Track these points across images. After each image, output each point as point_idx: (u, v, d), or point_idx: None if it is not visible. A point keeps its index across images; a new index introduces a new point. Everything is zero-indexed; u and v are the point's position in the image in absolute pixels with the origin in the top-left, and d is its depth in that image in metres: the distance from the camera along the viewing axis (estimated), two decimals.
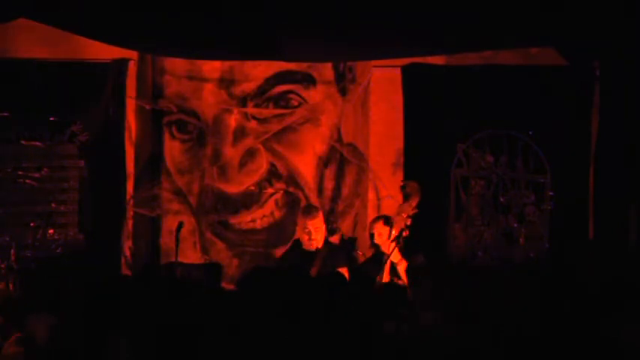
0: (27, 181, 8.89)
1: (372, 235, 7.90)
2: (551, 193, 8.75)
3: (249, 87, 9.23)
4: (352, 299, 5.62)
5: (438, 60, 8.88)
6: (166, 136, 9.25)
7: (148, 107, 9.19)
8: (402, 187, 7.52)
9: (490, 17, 7.15)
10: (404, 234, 7.34)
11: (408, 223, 7.35)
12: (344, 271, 7.60)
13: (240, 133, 9.22)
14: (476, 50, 8.51)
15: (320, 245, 7.85)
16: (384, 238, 7.67)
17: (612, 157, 8.17)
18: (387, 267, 7.41)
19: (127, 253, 9.10)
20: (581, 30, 7.42)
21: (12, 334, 5.42)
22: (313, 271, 7.70)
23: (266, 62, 9.05)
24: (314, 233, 7.82)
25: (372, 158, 9.23)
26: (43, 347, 5.11)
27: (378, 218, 8.08)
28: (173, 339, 5.01)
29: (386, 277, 7.44)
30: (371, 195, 9.24)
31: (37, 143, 8.87)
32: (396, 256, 7.50)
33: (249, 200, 9.28)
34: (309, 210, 8.04)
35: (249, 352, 4.96)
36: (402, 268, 7.55)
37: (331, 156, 9.29)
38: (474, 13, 7.10)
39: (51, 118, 8.87)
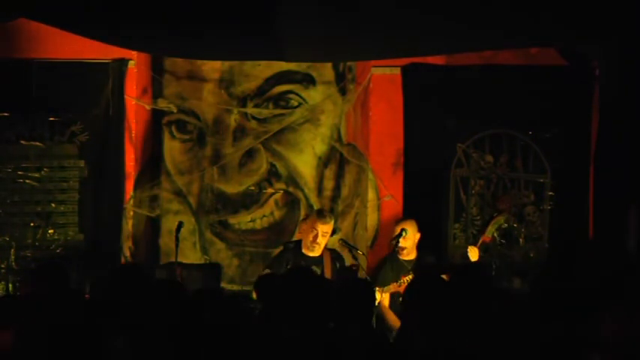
0: (27, 181, 8.89)
1: (399, 234, 8.02)
2: (551, 193, 8.75)
3: (249, 87, 9.22)
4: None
5: (438, 60, 8.89)
6: (166, 136, 9.25)
7: (148, 107, 9.19)
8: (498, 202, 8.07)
9: (490, 17, 7.14)
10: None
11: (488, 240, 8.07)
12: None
13: (240, 133, 9.22)
14: (476, 50, 8.51)
15: (320, 250, 7.84)
16: (412, 241, 8.03)
17: (612, 157, 8.16)
18: None
19: (127, 253, 9.10)
20: (581, 30, 7.41)
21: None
22: (327, 272, 7.72)
23: (266, 62, 9.05)
24: (320, 237, 7.78)
25: (372, 158, 9.23)
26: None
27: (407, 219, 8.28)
28: (173, 339, 5.00)
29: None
30: (371, 195, 9.23)
31: (37, 143, 8.88)
32: (475, 255, 7.96)
33: (249, 200, 9.27)
34: (324, 214, 7.92)
35: (249, 352, 4.96)
36: None
37: (331, 156, 9.28)
38: (475, 13, 7.09)
39: (51, 118, 8.87)
